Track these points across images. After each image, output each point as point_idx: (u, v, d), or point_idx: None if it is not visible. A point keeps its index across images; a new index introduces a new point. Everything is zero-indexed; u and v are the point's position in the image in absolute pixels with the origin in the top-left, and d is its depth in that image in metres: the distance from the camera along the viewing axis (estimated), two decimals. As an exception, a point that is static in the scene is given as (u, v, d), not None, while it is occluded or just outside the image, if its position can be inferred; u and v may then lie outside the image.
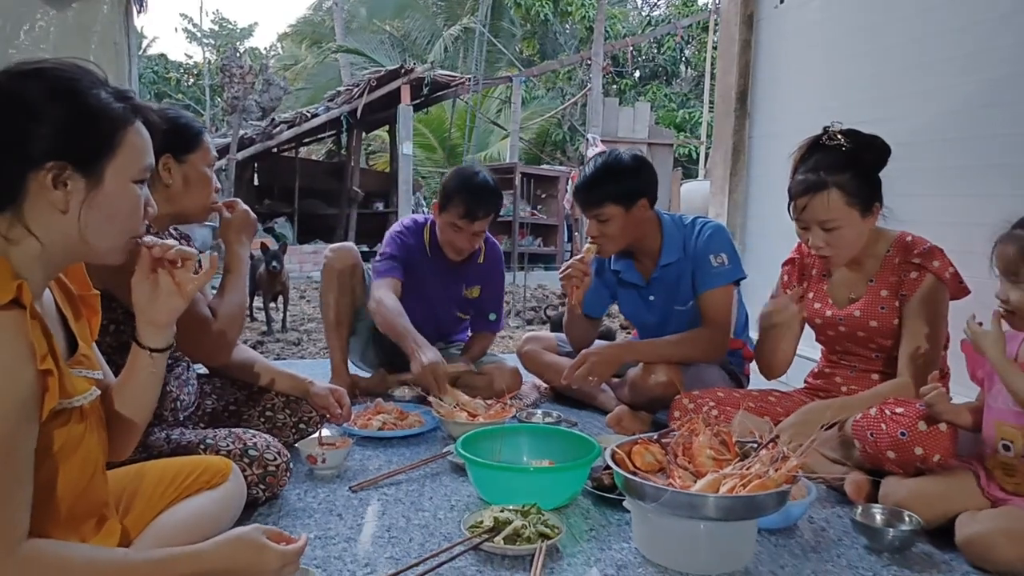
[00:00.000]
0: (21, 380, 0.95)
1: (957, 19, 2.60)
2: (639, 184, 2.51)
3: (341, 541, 1.67)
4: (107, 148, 1.06)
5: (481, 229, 2.74)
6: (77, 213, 1.04)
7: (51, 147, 1.01)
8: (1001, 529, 1.57)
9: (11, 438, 0.94)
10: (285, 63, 22.83)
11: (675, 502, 1.51)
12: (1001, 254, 1.69)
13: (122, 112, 1.08)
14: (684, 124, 17.38)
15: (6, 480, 0.94)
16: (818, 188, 2.07)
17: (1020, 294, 1.67)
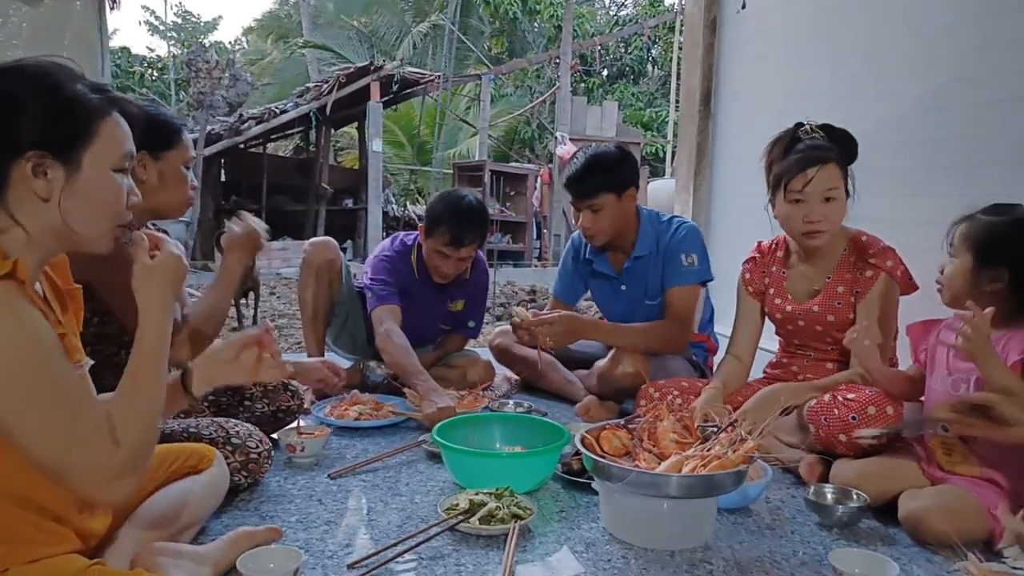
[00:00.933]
0: (46, 328, 1.04)
1: (905, 27, 2.74)
2: (628, 173, 2.65)
3: (322, 524, 1.74)
4: (84, 137, 1.10)
5: (468, 255, 2.73)
6: (58, 200, 1.07)
7: (30, 137, 1.05)
8: (937, 505, 1.69)
9: (61, 368, 1.04)
10: (251, 58, 22.57)
11: (640, 482, 1.61)
12: (952, 230, 1.84)
13: (98, 103, 1.12)
14: (651, 123, 17.61)
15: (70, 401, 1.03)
16: (825, 160, 2.17)
17: (948, 269, 1.82)
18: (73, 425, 1.02)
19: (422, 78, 11.48)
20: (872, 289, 2.23)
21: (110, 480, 1.05)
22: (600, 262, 2.84)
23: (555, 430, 2.06)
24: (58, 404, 1.02)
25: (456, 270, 2.79)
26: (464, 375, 2.91)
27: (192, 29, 26.17)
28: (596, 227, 2.64)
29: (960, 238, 1.82)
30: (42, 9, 3.03)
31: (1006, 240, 1.76)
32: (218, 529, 1.65)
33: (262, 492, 1.91)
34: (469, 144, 15.91)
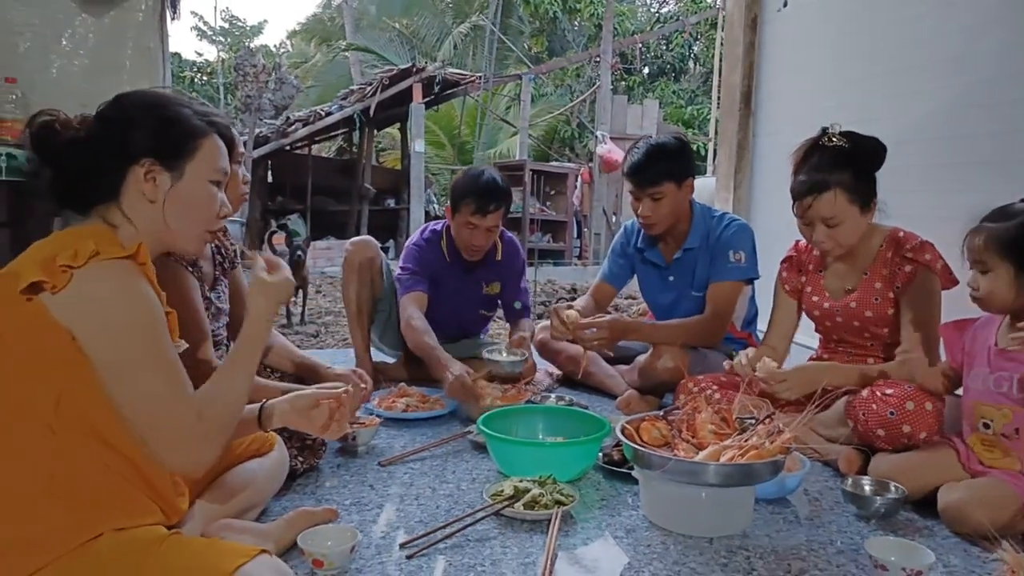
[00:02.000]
0: (153, 298, 1.19)
1: (944, 24, 2.74)
2: (688, 163, 2.73)
3: (374, 508, 1.83)
4: (188, 151, 1.28)
5: (494, 223, 2.83)
6: (162, 203, 1.25)
7: (144, 147, 1.24)
8: (977, 497, 1.72)
9: (168, 341, 1.19)
10: (295, 61, 22.98)
11: (679, 470, 1.66)
12: (969, 245, 1.84)
13: (201, 124, 1.31)
14: (692, 121, 17.45)
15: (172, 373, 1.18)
16: (822, 188, 2.20)
17: (986, 282, 1.81)
18: (169, 392, 1.17)
19: (463, 79, 11.59)
20: (913, 283, 2.24)
21: (188, 448, 1.19)
22: (651, 252, 2.91)
23: (596, 422, 2.13)
24: (160, 370, 1.17)
25: (485, 240, 2.87)
26: (506, 369, 2.98)
27: (239, 34, 26.74)
28: (656, 216, 2.70)
29: (988, 251, 1.80)
30: (106, 20, 3.20)
31: None
32: (278, 510, 1.75)
33: (318, 477, 2.02)
34: (509, 144, 15.99)
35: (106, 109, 1.28)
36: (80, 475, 1.13)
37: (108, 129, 1.24)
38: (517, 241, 3.22)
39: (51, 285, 1.09)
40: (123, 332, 1.13)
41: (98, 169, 1.23)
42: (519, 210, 10.96)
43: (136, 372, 1.15)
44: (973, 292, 1.86)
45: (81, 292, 1.11)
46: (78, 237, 1.17)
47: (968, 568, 1.59)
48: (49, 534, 1.09)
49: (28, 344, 1.11)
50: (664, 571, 1.55)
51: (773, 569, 1.57)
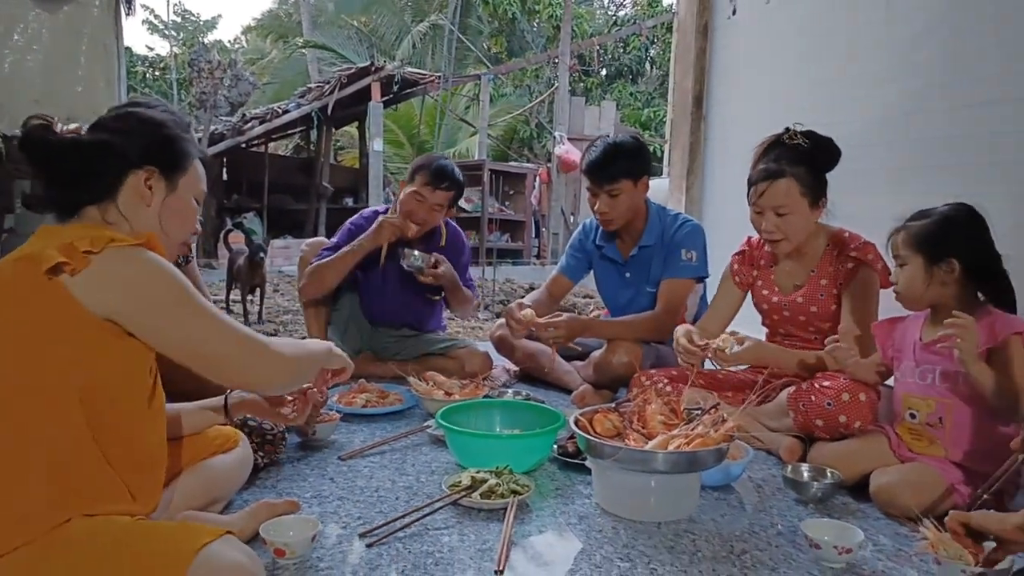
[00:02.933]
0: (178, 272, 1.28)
1: (883, 37, 2.88)
2: (644, 162, 2.84)
3: (335, 500, 1.88)
4: (182, 167, 1.42)
5: (440, 201, 2.94)
6: (158, 209, 1.37)
7: (148, 156, 1.35)
8: (905, 481, 1.84)
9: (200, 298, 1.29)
10: (250, 57, 22.65)
11: (629, 458, 1.75)
12: (891, 243, 1.96)
13: (193, 148, 1.45)
14: (649, 122, 17.71)
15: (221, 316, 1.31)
16: (777, 176, 2.32)
17: (904, 276, 1.94)
18: (223, 325, 1.30)
19: (422, 78, 11.60)
20: (854, 280, 2.36)
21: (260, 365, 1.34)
22: (610, 248, 3.01)
23: (551, 415, 2.20)
24: (206, 314, 1.29)
25: (427, 215, 2.95)
26: (463, 365, 3.05)
27: (192, 28, 26.23)
28: (613, 212, 2.81)
29: (904, 246, 1.93)
30: (61, 15, 3.16)
31: (947, 233, 1.90)
32: (240, 504, 1.78)
33: (278, 472, 2.05)
34: (468, 143, 16.03)
35: (111, 119, 1.37)
36: (58, 459, 1.17)
37: (116, 135, 1.33)
38: (463, 234, 3.31)
39: (71, 268, 1.16)
40: (162, 299, 1.24)
41: (99, 170, 1.32)
42: (478, 209, 11.02)
43: (190, 324, 1.26)
44: (894, 288, 1.99)
45: (108, 275, 1.19)
46: (86, 229, 1.26)
47: (896, 546, 1.70)
48: (18, 518, 1.13)
49: (43, 322, 1.17)
50: (615, 554, 1.62)
51: (717, 550, 1.66)
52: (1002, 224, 1.96)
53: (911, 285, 1.94)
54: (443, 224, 3.16)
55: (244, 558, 1.20)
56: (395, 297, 3.12)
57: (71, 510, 1.17)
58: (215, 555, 1.15)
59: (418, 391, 2.61)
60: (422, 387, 2.63)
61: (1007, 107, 2.35)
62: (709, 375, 2.63)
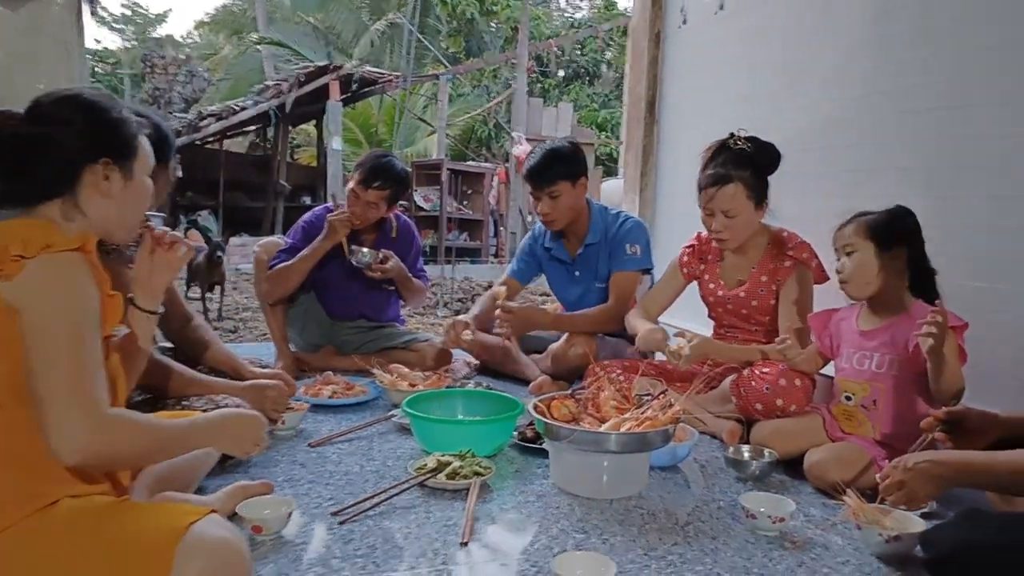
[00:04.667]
0: (91, 296, 1.27)
1: (820, 48, 3.07)
2: (580, 164, 3.02)
3: (306, 483, 1.97)
4: (133, 151, 1.41)
5: (373, 199, 3.08)
6: (119, 199, 1.37)
7: (100, 149, 1.35)
8: (834, 457, 2.02)
9: (88, 334, 1.24)
10: (203, 53, 22.28)
11: (584, 439, 1.88)
12: (838, 235, 2.15)
13: (136, 125, 1.43)
14: (605, 124, 17.99)
15: (89, 364, 1.23)
16: (725, 181, 2.48)
17: (851, 263, 2.11)
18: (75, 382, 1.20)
19: (381, 77, 11.63)
20: (791, 277, 2.55)
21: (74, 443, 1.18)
22: (557, 249, 3.15)
23: (511, 403, 2.33)
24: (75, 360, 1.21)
25: (365, 212, 3.10)
26: (424, 358, 3.16)
27: (142, 22, 25.68)
28: (554, 212, 2.98)
29: (855, 234, 2.11)
30: (22, 14, 3.17)
31: (896, 223, 2.09)
32: (212, 489, 1.85)
33: (249, 459, 2.13)
34: (427, 143, 16.08)
35: (48, 109, 1.32)
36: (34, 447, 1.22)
37: (57, 129, 1.31)
38: (413, 225, 3.45)
39: (4, 273, 1.19)
40: (51, 317, 1.21)
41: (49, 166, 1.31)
42: (436, 208, 11.10)
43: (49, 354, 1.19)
44: (840, 276, 2.15)
45: (30, 280, 1.20)
46: (27, 228, 1.26)
47: (823, 516, 1.87)
48: (7, 500, 1.19)
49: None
50: (570, 528, 1.76)
51: (663, 523, 1.80)
52: (928, 223, 2.15)
53: (862, 271, 2.10)
54: (393, 217, 3.30)
55: (229, 534, 1.27)
56: (350, 290, 3.23)
57: (57, 492, 1.23)
58: (202, 532, 1.21)
59: (383, 382, 2.72)
60: (387, 379, 2.73)
61: (941, 113, 2.55)
62: (659, 366, 2.78)
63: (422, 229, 3.03)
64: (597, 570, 1.42)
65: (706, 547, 1.67)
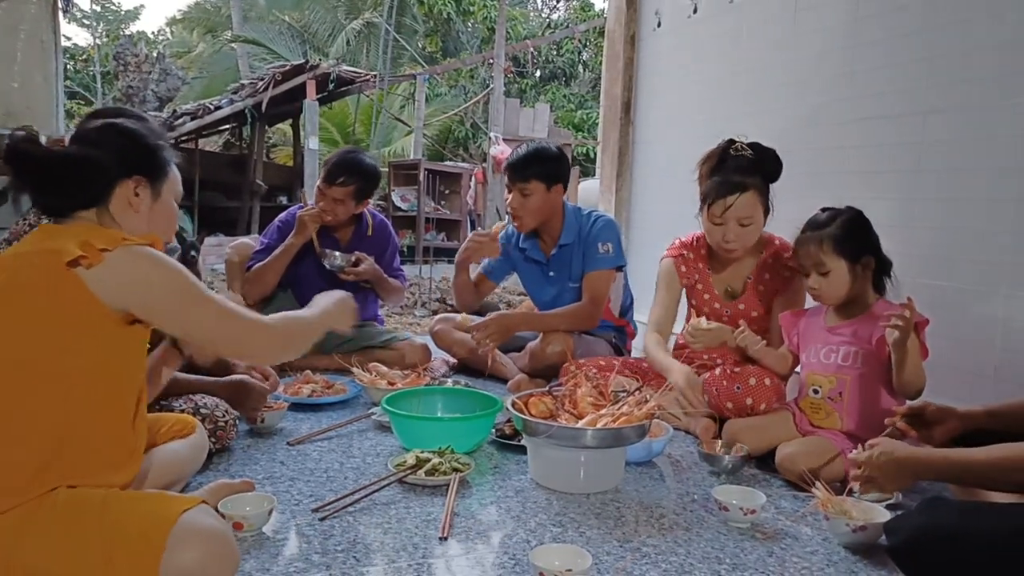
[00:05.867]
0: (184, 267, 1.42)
1: (792, 53, 3.14)
2: (560, 171, 3.03)
3: (286, 480, 1.99)
4: (164, 173, 1.55)
5: (339, 196, 3.13)
6: (146, 214, 1.50)
7: (132, 167, 1.47)
8: (803, 451, 2.08)
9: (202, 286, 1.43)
10: (177, 50, 22.03)
11: (561, 435, 1.92)
12: (806, 254, 2.17)
13: (170, 152, 1.57)
14: (582, 124, 18.05)
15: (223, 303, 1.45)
16: (742, 189, 2.46)
17: (830, 282, 2.14)
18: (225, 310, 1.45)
19: (358, 77, 11.57)
20: (790, 287, 2.58)
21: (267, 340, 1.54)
22: (532, 250, 3.18)
23: (490, 400, 2.36)
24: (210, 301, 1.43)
25: (331, 208, 3.16)
26: (403, 357, 3.19)
27: (113, 18, 25.31)
28: (522, 210, 3.00)
29: (827, 254, 2.11)
30: (-3, 11, 3.15)
31: (860, 234, 2.15)
32: (195, 486, 1.87)
33: (230, 457, 2.15)
34: (404, 143, 16.03)
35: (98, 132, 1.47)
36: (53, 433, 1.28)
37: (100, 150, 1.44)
38: (390, 225, 3.49)
39: (88, 262, 1.28)
40: (172, 289, 1.38)
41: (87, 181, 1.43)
42: (414, 208, 11.09)
43: (195, 310, 1.41)
44: (815, 294, 2.20)
45: (120, 267, 1.32)
46: (99, 229, 1.40)
47: (793, 508, 1.93)
48: (7, 486, 1.23)
49: (56, 307, 1.28)
50: (548, 521, 1.80)
51: (639, 516, 1.85)
52: (888, 224, 2.23)
53: (839, 288, 2.14)
54: (369, 215, 3.33)
55: (219, 524, 1.34)
56: (327, 288, 3.21)
57: (57, 480, 1.27)
58: (193, 520, 1.27)
59: (362, 381, 2.74)
60: (366, 377, 2.76)
61: (900, 120, 2.62)
62: (636, 364, 2.83)
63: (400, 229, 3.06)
64: (573, 561, 1.46)
65: (680, 539, 1.72)
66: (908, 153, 2.60)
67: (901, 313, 1.90)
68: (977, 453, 1.48)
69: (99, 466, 1.34)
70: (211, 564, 1.26)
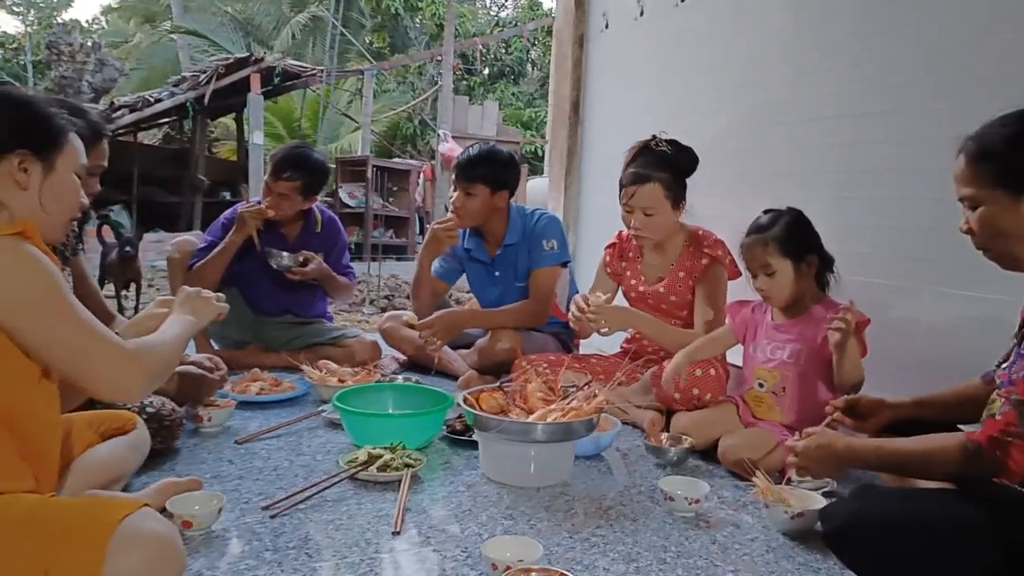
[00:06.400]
0: (51, 264, 1.30)
1: (737, 53, 3.23)
2: (507, 176, 3.05)
3: (234, 479, 1.97)
4: (57, 145, 1.42)
5: (285, 191, 3.10)
6: (37, 191, 1.38)
7: (17, 140, 1.35)
8: (745, 442, 2.16)
9: (67, 292, 1.31)
10: (112, 40, 21.29)
11: (511, 429, 1.95)
12: (751, 256, 2.24)
13: (64, 122, 1.44)
14: (531, 123, 18.15)
15: (85, 314, 1.32)
16: (645, 180, 2.60)
17: (776, 283, 2.22)
18: (90, 330, 1.31)
19: (304, 71, 11.40)
20: (708, 273, 2.68)
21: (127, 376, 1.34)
22: (477, 250, 3.21)
23: (440, 396, 2.38)
24: (75, 315, 1.31)
25: (278, 203, 3.12)
26: (353, 354, 3.17)
27: (44, 5, 24.34)
28: (464, 209, 3.03)
29: (772, 256, 2.19)
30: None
31: (803, 234, 2.23)
32: (139, 486, 1.84)
33: (176, 456, 2.11)
34: (351, 139, 15.84)
35: None
36: None
37: None
38: (337, 219, 3.46)
39: None
40: (32, 296, 1.26)
41: None
42: (362, 205, 10.98)
43: (50, 322, 1.27)
44: (763, 294, 2.27)
45: None
46: None
47: (735, 497, 2.00)
48: None
49: None
50: (499, 515, 1.82)
51: (588, 508, 1.89)
52: (825, 223, 2.31)
53: (786, 288, 2.22)
54: (317, 211, 3.31)
55: (163, 527, 1.28)
56: (273, 285, 3.21)
57: None
58: (135, 525, 1.21)
59: (312, 378, 2.72)
60: (316, 374, 2.74)
61: (840, 121, 2.73)
62: (584, 359, 2.89)
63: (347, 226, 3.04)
64: (525, 552, 1.49)
65: (627, 529, 1.77)
66: (843, 154, 2.71)
67: (843, 316, 1.99)
68: (905, 444, 1.56)
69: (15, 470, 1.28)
70: (156, 570, 1.22)
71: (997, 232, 1.49)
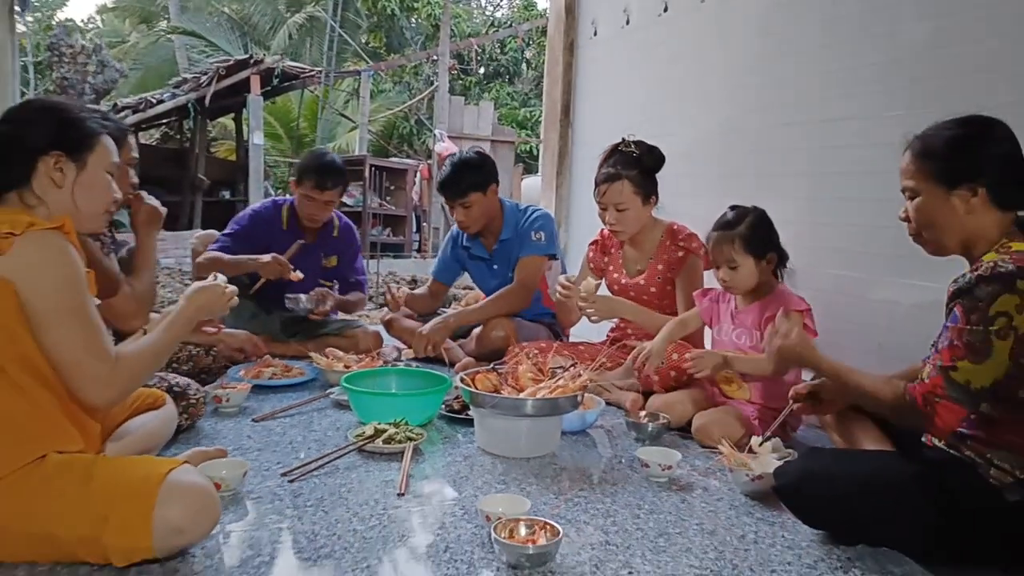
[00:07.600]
0: (80, 264, 1.47)
1: (718, 62, 3.45)
2: (488, 173, 3.29)
3: (255, 451, 2.18)
4: (88, 145, 1.59)
5: (330, 199, 3.31)
6: (71, 188, 1.56)
7: (51, 142, 1.53)
8: (715, 419, 2.38)
9: (86, 296, 1.47)
10: (108, 40, 21.40)
11: (504, 405, 2.17)
12: (718, 251, 2.45)
13: (96, 126, 1.62)
14: (526, 122, 18.35)
15: (94, 321, 1.46)
16: (615, 179, 2.84)
17: (739, 277, 2.44)
18: (88, 340, 1.46)
19: (302, 72, 11.60)
20: (684, 266, 2.90)
21: (100, 387, 1.47)
22: (476, 247, 3.43)
23: (439, 379, 2.59)
24: (84, 322, 1.46)
25: (322, 212, 3.34)
26: (357, 343, 3.39)
27: (39, 4, 24.41)
28: (469, 219, 3.28)
29: (738, 252, 2.41)
30: (-48, 9, 3.21)
31: (764, 233, 2.45)
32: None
33: (199, 432, 2.32)
34: (348, 138, 16.03)
35: (14, 112, 1.58)
36: (20, 408, 1.43)
37: (16, 127, 1.54)
38: (353, 226, 3.68)
39: None
40: (53, 289, 1.42)
41: (7, 160, 1.51)
42: (359, 204, 11.18)
43: (62, 321, 1.42)
44: (726, 285, 2.49)
45: (22, 254, 1.40)
46: (7, 213, 1.47)
47: (704, 465, 2.22)
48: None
49: None
50: (493, 480, 2.04)
51: (573, 475, 2.11)
52: (795, 220, 2.54)
53: (747, 280, 2.44)
54: (335, 216, 3.50)
55: (203, 481, 1.51)
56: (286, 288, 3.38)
57: (44, 448, 1.43)
58: (179, 478, 1.44)
59: (320, 364, 2.93)
60: (323, 361, 2.95)
61: (810, 127, 2.95)
62: (572, 346, 3.11)
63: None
64: (515, 507, 1.71)
65: (607, 491, 1.99)
66: (810, 157, 2.93)
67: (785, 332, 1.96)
68: (861, 377, 1.76)
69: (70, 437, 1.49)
70: (197, 516, 1.44)
71: (929, 221, 1.72)
